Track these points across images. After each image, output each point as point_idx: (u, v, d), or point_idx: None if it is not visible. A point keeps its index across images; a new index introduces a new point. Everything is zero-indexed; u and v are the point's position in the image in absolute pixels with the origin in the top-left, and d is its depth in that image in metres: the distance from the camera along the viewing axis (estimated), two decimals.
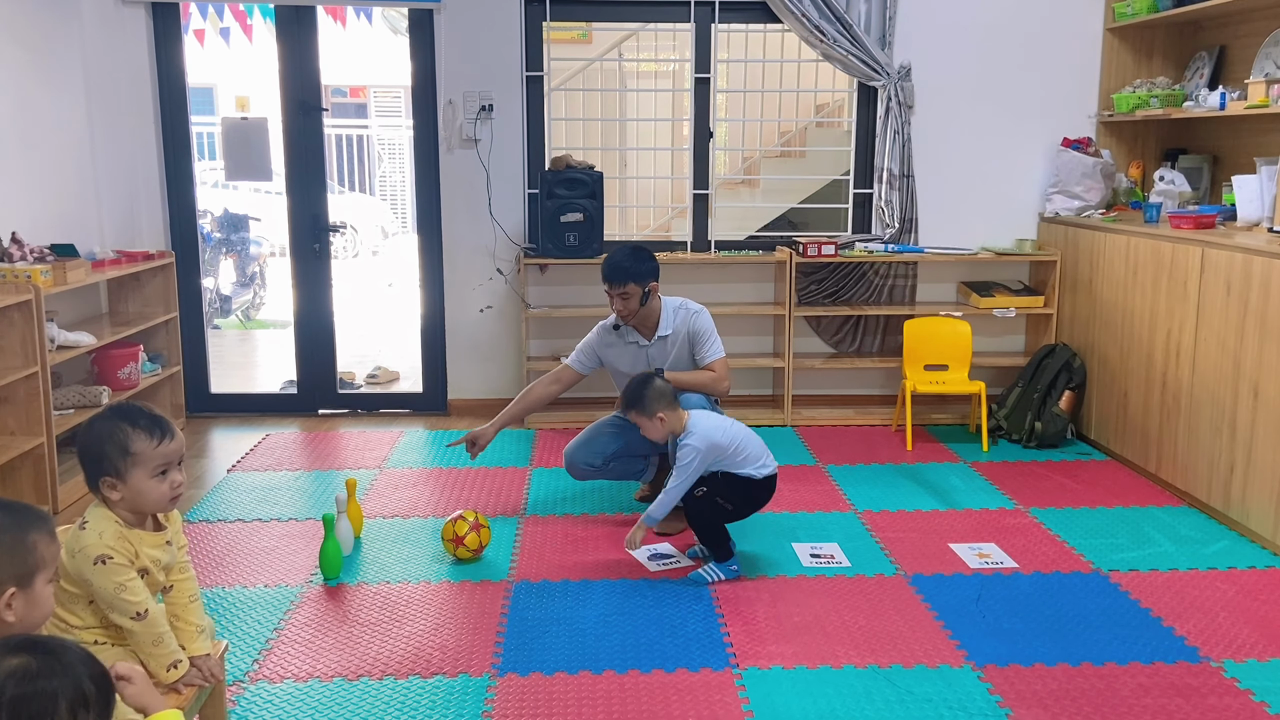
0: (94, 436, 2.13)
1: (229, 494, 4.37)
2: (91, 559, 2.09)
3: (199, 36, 7.53)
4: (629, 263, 3.89)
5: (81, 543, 2.10)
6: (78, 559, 2.09)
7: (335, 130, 12.57)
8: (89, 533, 2.11)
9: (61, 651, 1.35)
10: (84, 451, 2.14)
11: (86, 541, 2.09)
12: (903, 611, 3.26)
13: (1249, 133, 4.76)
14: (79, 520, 2.15)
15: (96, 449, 2.12)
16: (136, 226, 5.32)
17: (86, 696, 1.33)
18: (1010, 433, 5.10)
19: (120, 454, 2.10)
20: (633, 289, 3.88)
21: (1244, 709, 2.71)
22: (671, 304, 4.03)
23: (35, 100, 4.55)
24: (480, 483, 4.49)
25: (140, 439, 2.11)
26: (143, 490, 2.12)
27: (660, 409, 3.48)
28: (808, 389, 5.61)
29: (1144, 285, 4.49)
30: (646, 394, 3.49)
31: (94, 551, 2.09)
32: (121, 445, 2.11)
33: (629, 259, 3.91)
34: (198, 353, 5.56)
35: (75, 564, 2.10)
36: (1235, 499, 3.90)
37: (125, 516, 2.15)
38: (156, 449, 2.12)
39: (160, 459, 2.13)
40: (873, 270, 5.53)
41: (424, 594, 3.40)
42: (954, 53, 5.37)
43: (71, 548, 2.10)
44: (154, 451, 2.12)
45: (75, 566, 2.10)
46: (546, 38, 5.40)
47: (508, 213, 5.45)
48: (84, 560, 2.09)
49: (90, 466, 2.13)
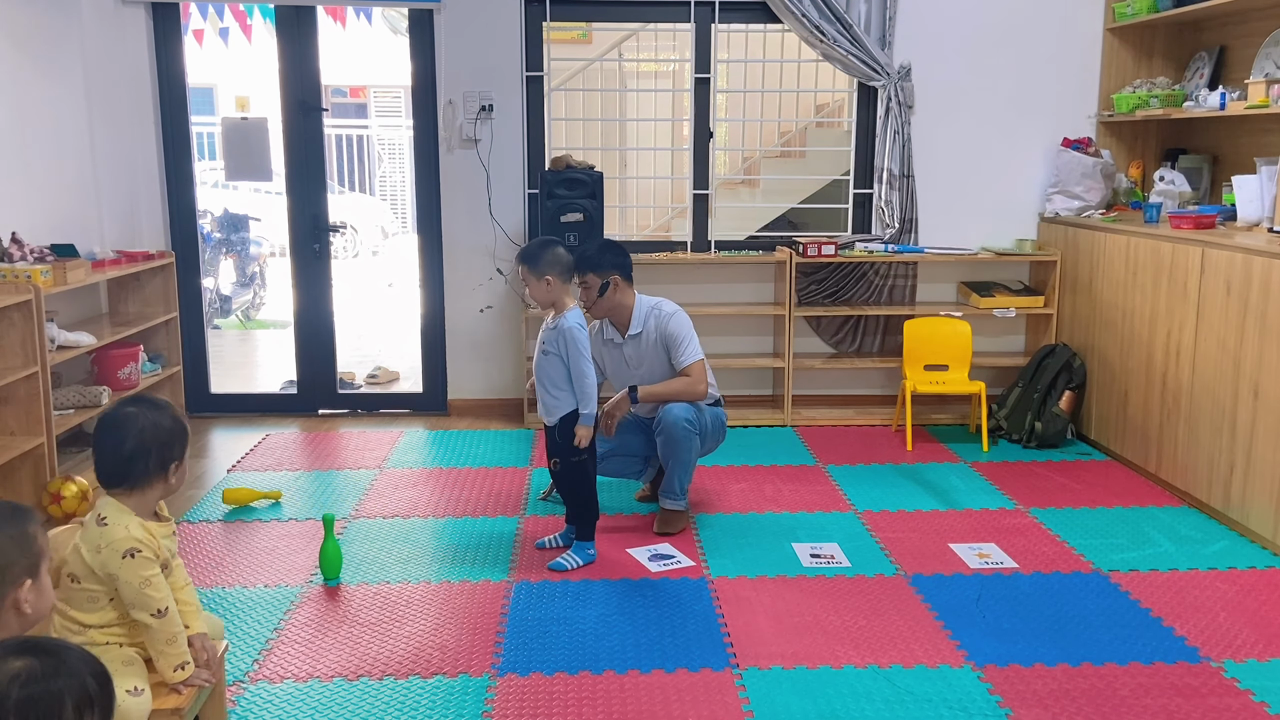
0: (176, 427, 2.24)
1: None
2: (120, 553, 2.11)
3: (198, 37, 7.53)
4: (591, 252, 3.94)
5: (109, 537, 2.12)
6: (104, 554, 2.11)
7: (335, 130, 12.57)
8: (114, 527, 2.13)
9: (63, 652, 1.36)
10: (161, 439, 2.19)
11: (114, 535, 2.12)
12: (903, 611, 3.26)
13: (1249, 133, 4.76)
14: (92, 517, 2.16)
15: (178, 436, 2.23)
16: (136, 226, 5.32)
17: (91, 696, 1.34)
18: (1010, 433, 5.10)
19: (185, 439, 2.25)
20: (591, 279, 3.89)
21: (1244, 709, 2.71)
22: (646, 303, 4.00)
23: (35, 100, 4.55)
24: (480, 483, 4.49)
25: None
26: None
27: (551, 273, 3.53)
28: (808, 389, 5.61)
29: (1144, 285, 4.49)
30: (544, 254, 3.55)
31: (123, 545, 2.12)
32: (186, 431, 2.26)
33: (594, 249, 3.96)
34: (198, 353, 5.56)
35: (101, 559, 2.12)
36: (1235, 499, 3.90)
37: (139, 509, 2.19)
38: None
39: None
40: (873, 270, 5.52)
41: (424, 594, 3.40)
42: (954, 53, 5.37)
43: (95, 543, 2.12)
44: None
45: (100, 561, 2.12)
46: (546, 38, 5.40)
47: (508, 213, 5.45)
48: (112, 555, 2.11)
49: (162, 452, 2.20)
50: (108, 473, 2.18)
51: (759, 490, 4.38)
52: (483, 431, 5.28)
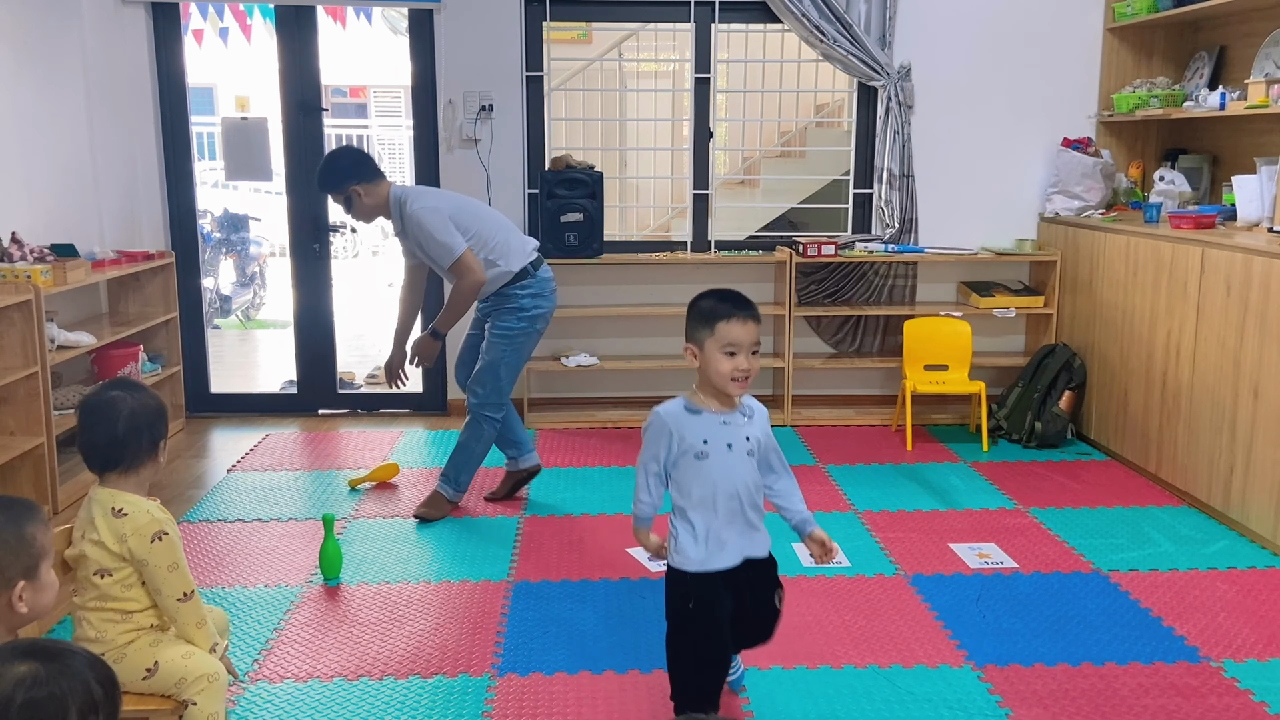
0: (163, 408, 2.28)
1: (229, 494, 4.37)
2: (149, 536, 2.15)
3: (198, 37, 7.53)
4: (323, 173, 3.89)
5: (135, 523, 2.15)
6: (131, 541, 2.14)
7: (335, 130, 12.57)
8: (137, 513, 2.16)
9: (68, 656, 1.35)
10: (150, 420, 2.23)
11: (140, 521, 2.15)
12: (903, 611, 3.26)
13: (1249, 133, 4.76)
14: (109, 510, 2.17)
15: (164, 416, 2.28)
16: (136, 226, 5.32)
17: (95, 700, 1.33)
18: (1010, 433, 5.10)
19: (166, 422, 2.31)
20: (337, 198, 3.89)
21: (1244, 709, 2.71)
22: (395, 195, 3.87)
23: (35, 100, 4.55)
24: (480, 482, 4.49)
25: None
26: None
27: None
28: (808, 389, 5.61)
29: (1144, 285, 4.49)
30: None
31: (150, 529, 2.16)
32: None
33: (322, 168, 3.90)
34: (198, 353, 5.56)
35: (130, 546, 2.15)
36: (1235, 499, 3.90)
37: (138, 491, 2.23)
38: None
39: None
40: (873, 270, 5.52)
41: (424, 594, 3.40)
42: (954, 53, 5.37)
43: (121, 532, 2.14)
44: None
45: (131, 549, 2.15)
46: (546, 38, 5.40)
47: (508, 213, 5.37)
48: (140, 541, 2.14)
49: (151, 433, 2.23)
50: (103, 457, 2.21)
51: None
52: None
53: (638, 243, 5.86)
